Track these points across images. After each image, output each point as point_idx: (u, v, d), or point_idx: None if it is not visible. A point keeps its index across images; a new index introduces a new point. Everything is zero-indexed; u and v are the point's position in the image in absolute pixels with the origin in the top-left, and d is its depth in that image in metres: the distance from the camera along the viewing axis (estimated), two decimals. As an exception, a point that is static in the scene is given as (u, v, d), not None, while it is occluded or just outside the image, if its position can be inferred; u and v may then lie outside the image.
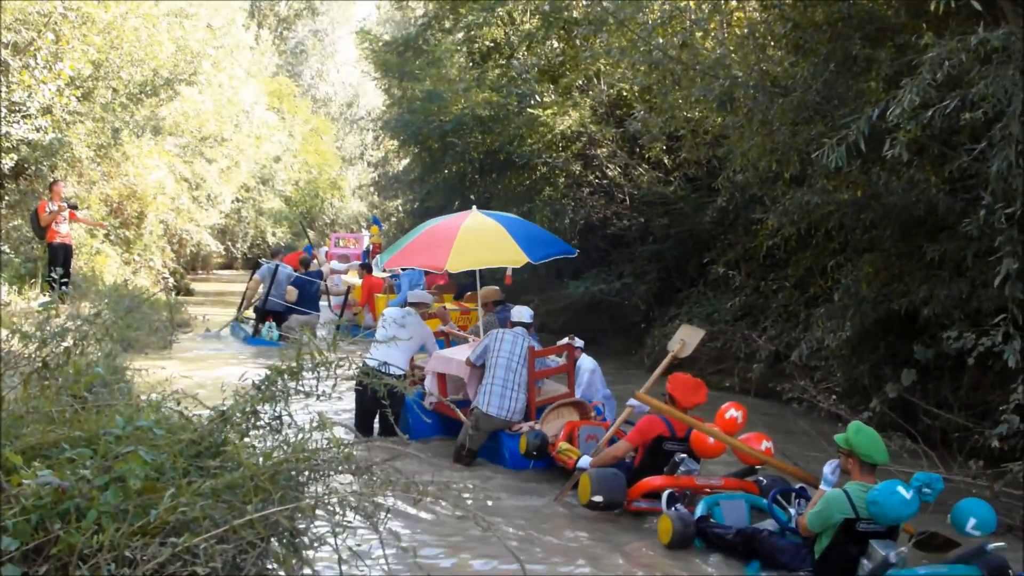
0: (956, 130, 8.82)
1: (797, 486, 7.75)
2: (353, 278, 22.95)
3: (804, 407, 11.21)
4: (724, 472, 8.78)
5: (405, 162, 33.57)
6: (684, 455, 8.32)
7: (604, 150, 20.32)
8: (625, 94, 20.32)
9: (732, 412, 8.55)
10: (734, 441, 8.32)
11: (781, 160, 10.98)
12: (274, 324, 18.54)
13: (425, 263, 11.49)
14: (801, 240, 12.85)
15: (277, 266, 19.14)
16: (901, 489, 6.18)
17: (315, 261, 21.68)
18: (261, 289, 19.13)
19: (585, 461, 8.82)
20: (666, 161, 19.16)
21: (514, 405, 9.87)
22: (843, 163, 8.58)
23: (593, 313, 20.40)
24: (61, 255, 16.94)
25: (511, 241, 10.77)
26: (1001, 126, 7.47)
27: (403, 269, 18.49)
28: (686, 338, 9.89)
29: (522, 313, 10.77)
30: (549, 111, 20.15)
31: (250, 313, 19.74)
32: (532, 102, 20.96)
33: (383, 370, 9.42)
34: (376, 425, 10.74)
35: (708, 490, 8.14)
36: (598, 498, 8.03)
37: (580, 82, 21.03)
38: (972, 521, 6.45)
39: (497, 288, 13.29)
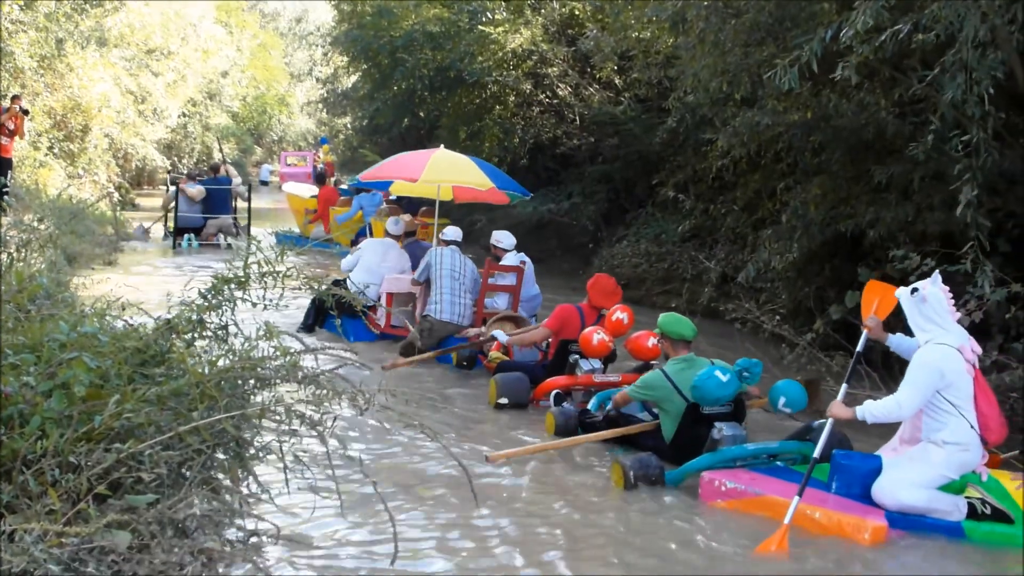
0: (907, 54, 8.80)
1: None
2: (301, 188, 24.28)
3: (749, 328, 11.29)
4: (625, 369, 9.47)
5: (354, 79, 33.23)
6: (577, 355, 9.23)
7: (555, 69, 20.14)
8: (577, 13, 20.21)
9: (618, 315, 9.24)
10: None
11: (732, 81, 10.92)
12: (193, 236, 20.31)
13: (400, 176, 12.86)
14: (750, 162, 12.87)
15: (177, 181, 21.38)
16: (718, 373, 7.07)
17: (224, 168, 23.28)
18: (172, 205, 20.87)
19: (503, 336, 10.14)
20: (617, 81, 19.05)
21: (463, 311, 11.08)
22: (796, 85, 8.60)
23: (542, 233, 20.45)
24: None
25: (478, 169, 12.50)
26: (953, 51, 7.48)
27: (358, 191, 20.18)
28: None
29: (456, 233, 11.84)
30: (500, 29, 19.95)
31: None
32: (483, 19, 20.79)
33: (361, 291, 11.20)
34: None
35: (610, 386, 8.84)
36: (503, 400, 9.09)
37: (532, 0, 20.84)
38: (782, 400, 7.46)
39: (411, 218, 14.53)
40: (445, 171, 12.43)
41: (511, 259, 11.85)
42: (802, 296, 11.66)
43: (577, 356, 9.24)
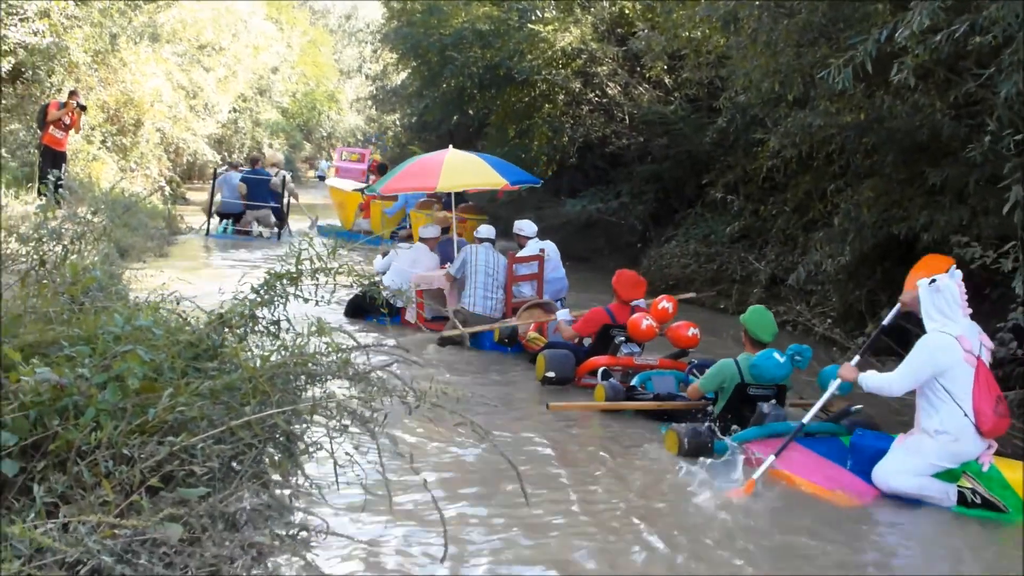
0: (963, 55, 8.70)
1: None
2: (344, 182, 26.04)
3: (799, 331, 11.25)
4: (661, 354, 10.27)
5: (404, 76, 33.32)
6: (623, 338, 9.96)
7: (604, 68, 20.05)
8: (627, 12, 20.13)
9: (664, 304, 10.08)
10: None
11: (784, 82, 10.84)
12: (229, 222, 21.44)
13: (418, 186, 13.80)
14: (801, 163, 12.77)
15: (221, 173, 22.47)
16: (776, 355, 7.77)
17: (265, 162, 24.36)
18: (217, 197, 21.95)
19: (563, 314, 10.95)
20: (667, 81, 18.99)
21: (495, 304, 11.95)
22: (849, 85, 8.55)
23: (590, 232, 20.39)
24: (50, 159, 16.83)
25: (489, 169, 13.08)
26: (1010, 51, 7.39)
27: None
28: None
29: (490, 231, 12.74)
30: (550, 27, 19.88)
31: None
32: (533, 17, 20.73)
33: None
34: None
35: (648, 368, 9.69)
36: (551, 374, 9.80)
37: (581, -1, 20.80)
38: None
39: (446, 214, 15.29)
40: (460, 176, 12.98)
41: (533, 246, 12.79)
42: (853, 299, 11.58)
43: (623, 339, 9.96)
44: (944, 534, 6.57)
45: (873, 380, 6.97)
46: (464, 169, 13.01)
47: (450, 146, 13.95)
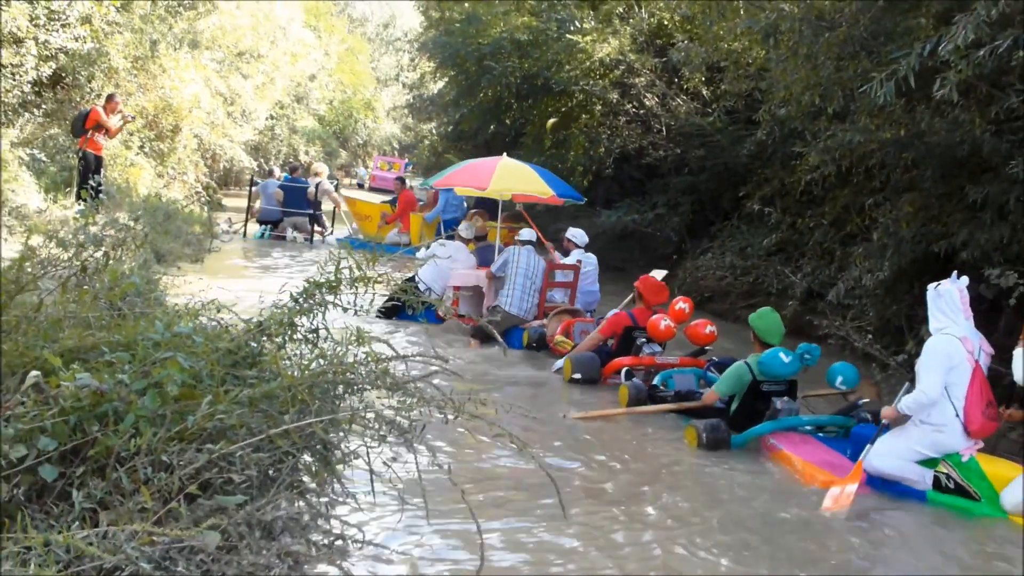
0: (1006, 70, 8.66)
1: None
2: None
3: (837, 346, 11.18)
4: (681, 352, 11.01)
5: (441, 84, 33.39)
6: (644, 339, 10.69)
7: (642, 79, 19.98)
8: (666, 23, 20.09)
9: (680, 304, 10.75)
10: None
11: (824, 95, 10.80)
12: (268, 228, 21.96)
13: (470, 185, 14.05)
14: (840, 177, 12.68)
15: (258, 182, 23.14)
16: (782, 355, 8.40)
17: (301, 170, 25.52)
18: (257, 203, 22.60)
19: (559, 364, 11.03)
20: (705, 92, 18.93)
21: (530, 307, 12.49)
22: (891, 99, 8.52)
23: (625, 243, 20.33)
24: (89, 163, 16.94)
25: (539, 179, 13.96)
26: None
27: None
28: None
29: (531, 234, 13.12)
30: (588, 38, 19.85)
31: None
32: (571, 28, 20.71)
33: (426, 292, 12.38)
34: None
35: (669, 367, 10.38)
36: (577, 375, 10.48)
37: (620, 9, 20.73)
38: (839, 378, 8.77)
39: (482, 223, 16.06)
40: (510, 181, 13.68)
41: (577, 255, 13.61)
42: (891, 314, 11.49)
43: (644, 340, 10.67)
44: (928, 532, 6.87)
45: (909, 400, 7.24)
46: (515, 175, 13.78)
47: (504, 153, 14.73)
